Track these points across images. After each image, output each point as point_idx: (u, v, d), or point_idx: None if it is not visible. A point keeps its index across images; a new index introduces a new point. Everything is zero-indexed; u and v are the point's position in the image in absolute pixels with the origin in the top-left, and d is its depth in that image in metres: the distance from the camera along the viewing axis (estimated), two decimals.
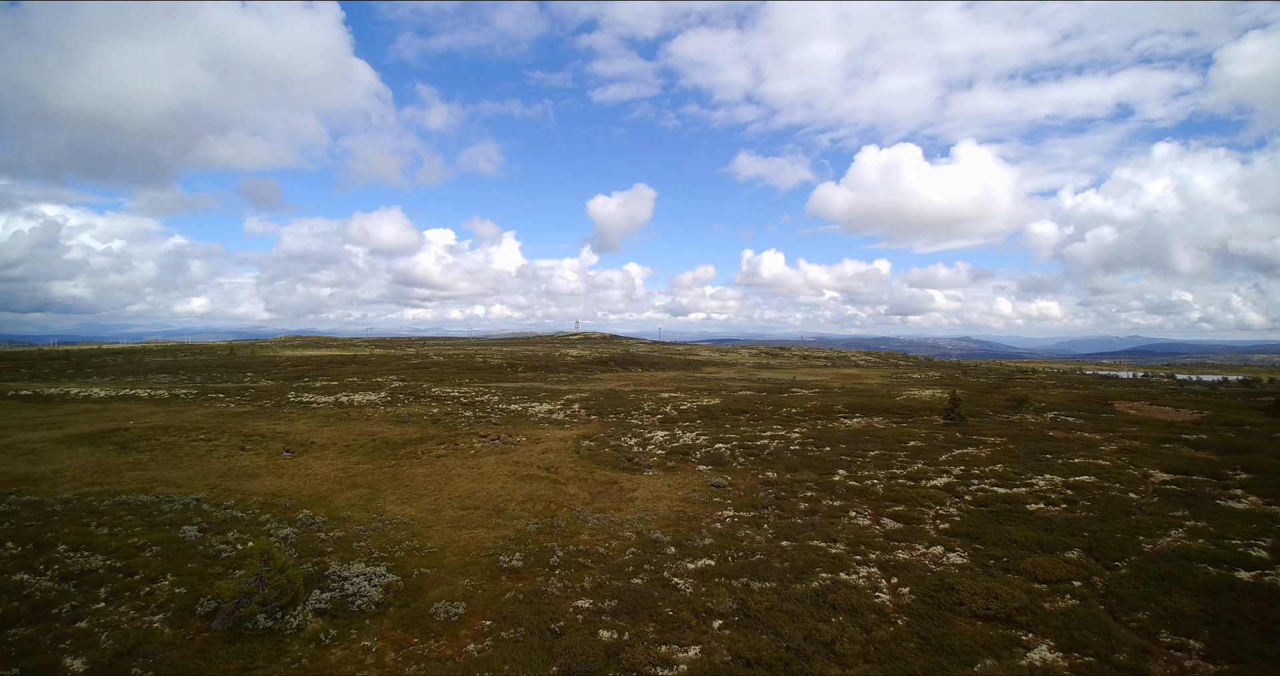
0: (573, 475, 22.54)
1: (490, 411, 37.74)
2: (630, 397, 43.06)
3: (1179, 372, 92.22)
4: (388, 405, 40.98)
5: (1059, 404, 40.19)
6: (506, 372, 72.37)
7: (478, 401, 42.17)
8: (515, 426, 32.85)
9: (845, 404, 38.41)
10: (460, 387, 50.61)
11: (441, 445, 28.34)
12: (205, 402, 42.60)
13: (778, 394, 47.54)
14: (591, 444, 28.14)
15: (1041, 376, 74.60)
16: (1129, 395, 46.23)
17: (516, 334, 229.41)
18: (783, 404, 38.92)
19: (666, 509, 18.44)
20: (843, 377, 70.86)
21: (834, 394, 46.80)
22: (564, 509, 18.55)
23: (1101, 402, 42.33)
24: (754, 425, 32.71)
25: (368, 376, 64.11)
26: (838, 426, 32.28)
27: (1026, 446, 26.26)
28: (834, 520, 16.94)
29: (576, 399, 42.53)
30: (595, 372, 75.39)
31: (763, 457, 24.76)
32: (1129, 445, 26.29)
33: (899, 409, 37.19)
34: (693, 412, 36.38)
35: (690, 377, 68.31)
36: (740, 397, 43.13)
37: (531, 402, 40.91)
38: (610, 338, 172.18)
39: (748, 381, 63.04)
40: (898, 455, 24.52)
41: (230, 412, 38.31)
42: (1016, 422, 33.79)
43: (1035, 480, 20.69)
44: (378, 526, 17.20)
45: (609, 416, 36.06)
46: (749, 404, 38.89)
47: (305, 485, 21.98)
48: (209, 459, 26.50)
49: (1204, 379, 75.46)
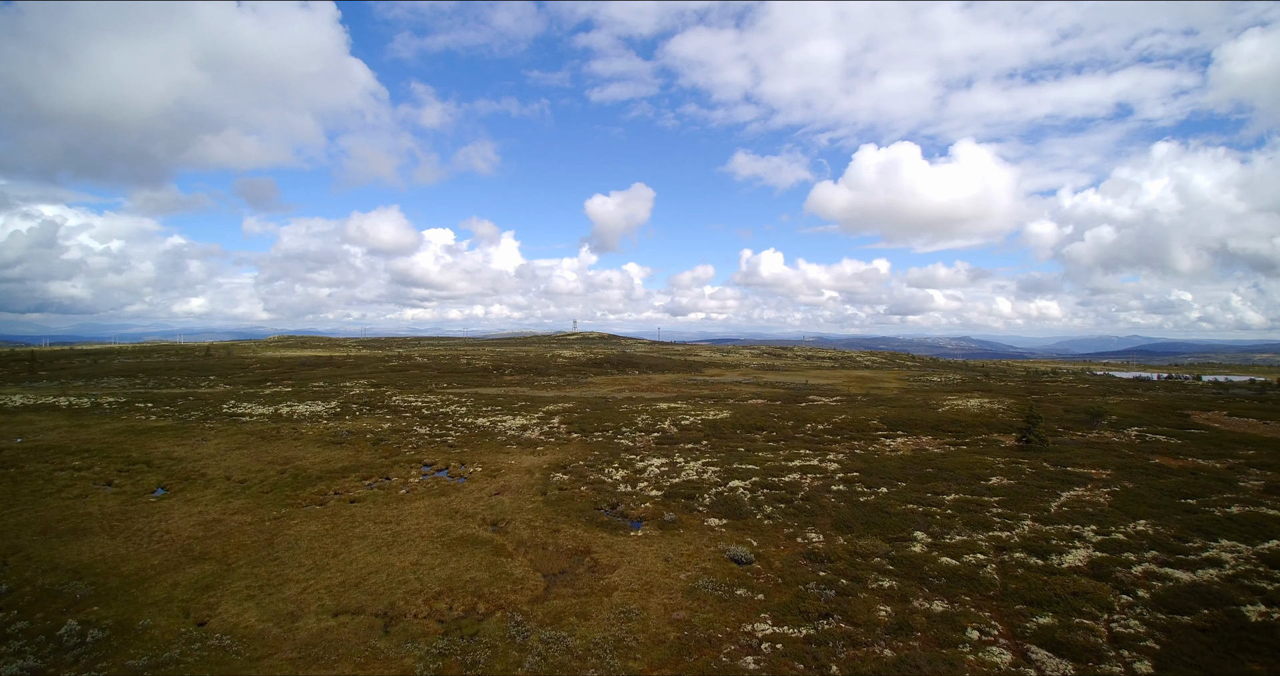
0: (527, 536, 15.35)
1: (451, 427, 30.58)
2: (622, 408, 35.89)
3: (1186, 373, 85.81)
4: (333, 418, 33.83)
5: (1131, 417, 33.05)
6: (491, 376, 65.23)
7: (441, 413, 34.99)
8: (475, 449, 25.71)
9: (880, 417, 31.24)
10: (430, 395, 43.46)
11: (367, 480, 21.18)
12: (125, 414, 35.49)
13: (794, 403, 40.37)
14: (565, 477, 20.96)
15: (1069, 379, 67.36)
16: (1199, 404, 39.06)
17: (515, 334, 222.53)
18: (804, 417, 31.76)
19: (661, 614, 11.26)
20: (857, 381, 63.72)
21: (859, 403, 39.65)
22: (497, 613, 11.36)
23: (1174, 413, 35.17)
24: (775, 447, 25.51)
25: (335, 381, 57.00)
26: (881, 449, 25.12)
27: (1147, 484, 19.12)
28: (946, 652, 9.77)
29: (559, 410, 35.35)
30: (588, 375, 68.24)
31: (796, 504, 17.56)
32: (1276, 479, 19.23)
33: (948, 424, 30.02)
34: (697, 429, 29.19)
35: (691, 381, 61.15)
36: (752, 408, 35.99)
37: (504, 415, 33.72)
38: (608, 338, 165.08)
39: (756, 386, 55.87)
40: (987, 502, 17.30)
41: (141, 428, 31.23)
42: (1101, 444, 26.64)
43: (1214, 550, 13.57)
44: (177, 655, 10.07)
45: (594, 434, 28.87)
46: (764, 417, 31.71)
47: (137, 552, 14.82)
48: (54, 499, 19.39)
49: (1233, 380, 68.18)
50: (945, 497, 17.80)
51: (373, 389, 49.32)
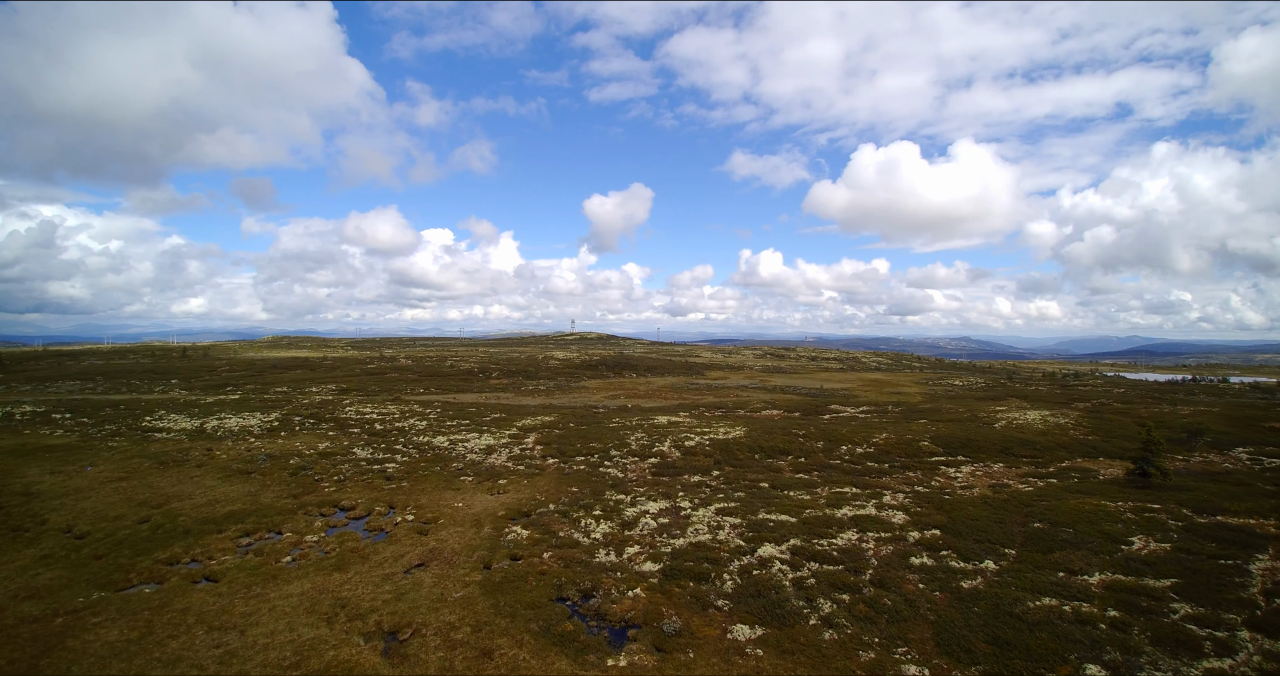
0: (437, 671, 9.22)
1: (400, 449, 24.41)
2: (614, 422, 29.70)
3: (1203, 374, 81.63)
4: (264, 435, 27.67)
5: (1225, 433, 26.91)
6: (475, 380, 59.06)
7: (396, 428, 28.82)
8: (417, 484, 19.55)
9: (931, 436, 25.02)
10: (395, 403, 37.29)
11: (250, 536, 15.03)
12: (30, 428, 29.39)
13: (815, 414, 34.16)
14: (525, 533, 14.81)
15: (1098, 382, 61.05)
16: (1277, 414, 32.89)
17: (513, 335, 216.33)
18: (835, 435, 25.56)
19: None
20: (873, 385, 57.55)
21: (891, 414, 33.44)
22: None
23: (1264, 428, 29.05)
24: (809, 482, 19.30)
25: (301, 385, 50.88)
26: (948, 485, 18.93)
27: None
28: None
29: (538, 425, 29.16)
30: (581, 379, 62.07)
31: (867, 595, 11.33)
32: None
33: (1017, 446, 23.81)
34: (704, 453, 22.99)
35: (693, 386, 54.98)
36: (768, 422, 29.83)
37: (471, 432, 27.51)
38: (607, 338, 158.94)
39: (765, 392, 49.69)
40: (1158, 589, 11.07)
41: (32, 447, 25.15)
42: (1222, 474, 20.45)
43: None
44: None
45: (575, 460, 22.67)
46: (785, 435, 25.50)
47: None
48: None
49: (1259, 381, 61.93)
50: (1088, 580, 11.63)
51: (336, 395, 43.20)
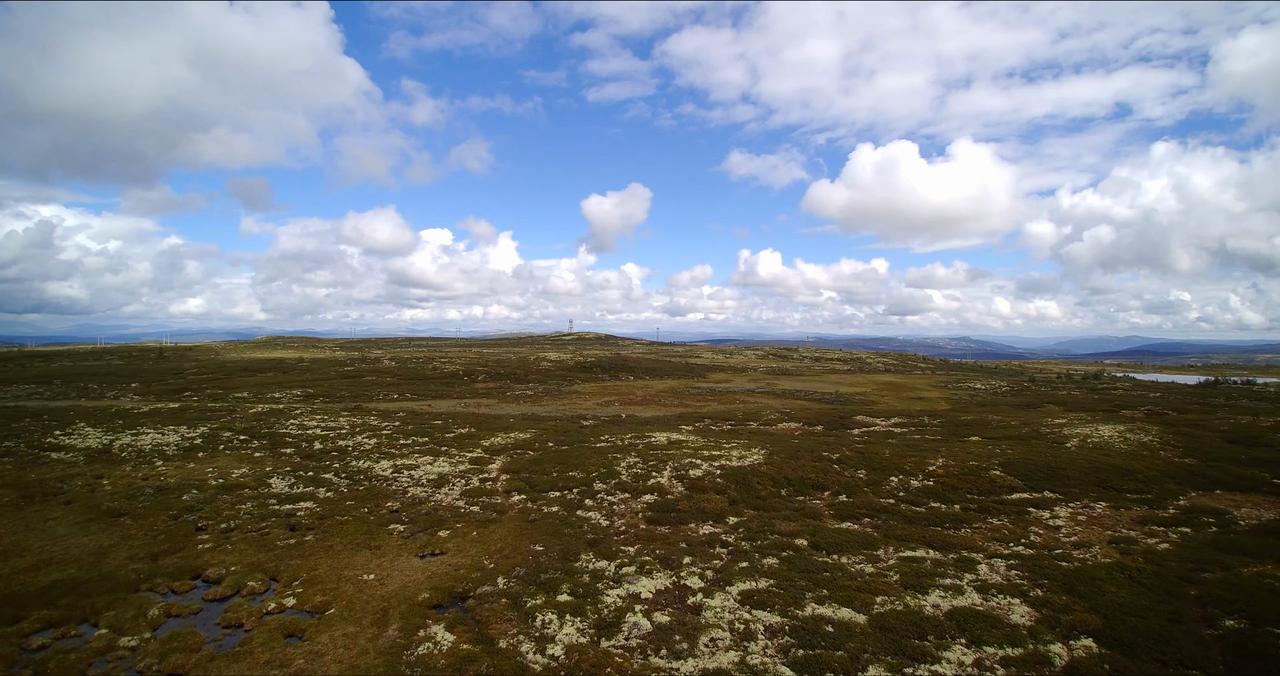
0: None
1: (329, 479, 19.24)
2: (603, 440, 24.47)
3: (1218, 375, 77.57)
4: (178, 456, 22.48)
5: None
6: (458, 383, 53.91)
7: (339, 448, 23.62)
8: (327, 536, 14.37)
9: (999, 462, 19.83)
10: (347, 416, 32.11)
11: (45, 633, 9.88)
12: None
13: (842, 427, 28.96)
14: (447, 644, 9.57)
15: (1127, 385, 55.80)
16: None
17: (512, 335, 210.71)
18: (877, 459, 20.33)
19: None
20: (890, 390, 52.39)
21: (931, 428, 28.24)
22: None
23: None
24: (865, 538, 14.00)
25: (263, 390, 45.74)
26: (1055, 541, 13.70)
27: None
28: None
29: (509, 444, 23.93)
30: (574, 382, 56.91)
31: None
32: None
33: (1112, 476, 18.59)
34: (715, 487, 17.80)
35: (695, 390, 49.81)
36: (789, 440, 24.61)
37: (425, 455, 22.29)
38: (605, 338, 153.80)
39: (775, 397, 44.48)
40: None
41: None
42: None
43: None
44: None
45: (548, 495, 17.48)
46: (815, 460, 20.26)
47: None
48: None
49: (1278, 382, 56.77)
50: None
51: (293, 403, 38.04)
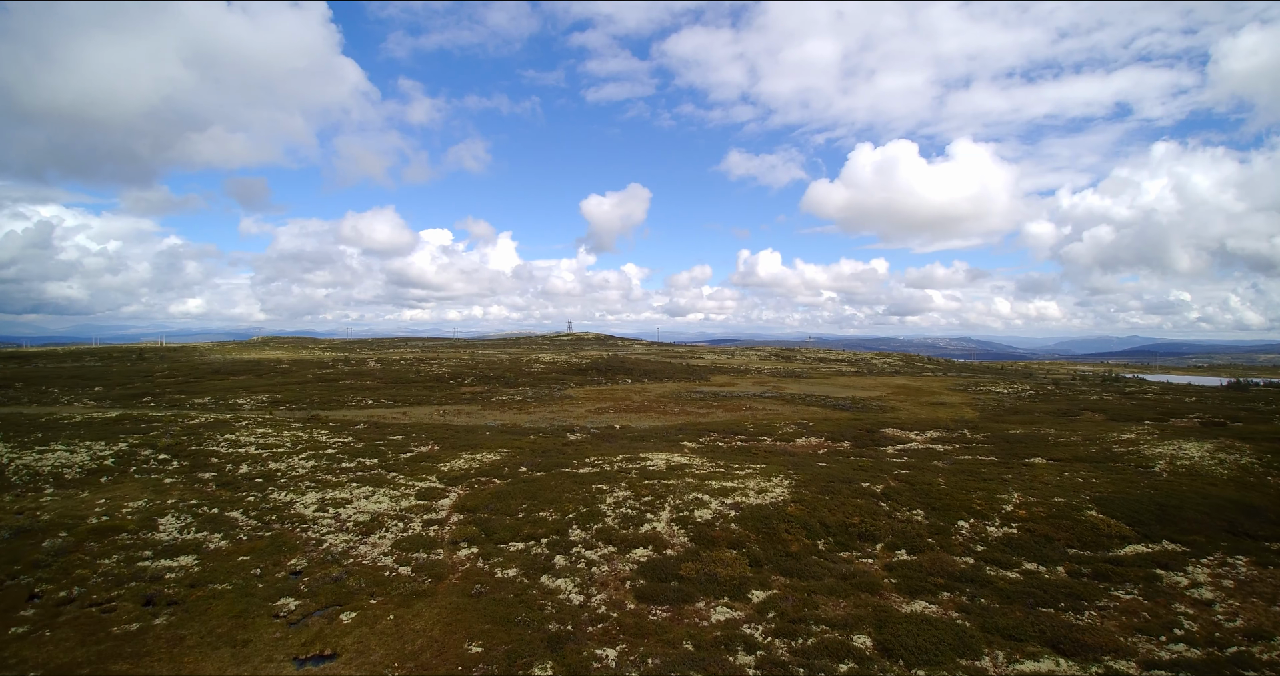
0: None
1: (236, 517, 14.85)
2: (588, 463, 20.02)
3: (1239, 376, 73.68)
4: (73, 482, 18.04)
5: None
6: (442, 387, 49.53)
7: (265, 473, 19.17)
8: (179, 624, 9.79)
9: (1092, 499, 15.42)
10: (293, 430, 27.69)
11: None
12: None
13: (872, 442, 24.48)
14: None
15: (1156, 389, 51.33)
16: None
17: (511, 335, 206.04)
18: (933, 492, 15.87)
19: None
20: (906, 394, 47.98)
21: (978, 444, 23.78)
22: None
23: None
24: (954, 629, 9.56)
25: (228, 395, 41.39)
26: (1220, 624, 9.10)
27: None
28: None
29: (474, 469, 19.49)
30: (567, 385, 52.52)
31: None
32: None
33: (1240, 518, 14.19)
34: (729, 537, 13.31)
35: (697, 395, 45.40)
36: (815, 462, 20.15)
37: (366, 485, 17.88)
38: (604, 338, 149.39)
39: (785, 403, 40.02)
40: None
41: None
42: None
43: None
44: None
45: (508, 549, 13.01)
46: (855, 493, 15.76)
47: None
48: None
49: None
50: None
51: (256, 411, 33.65)
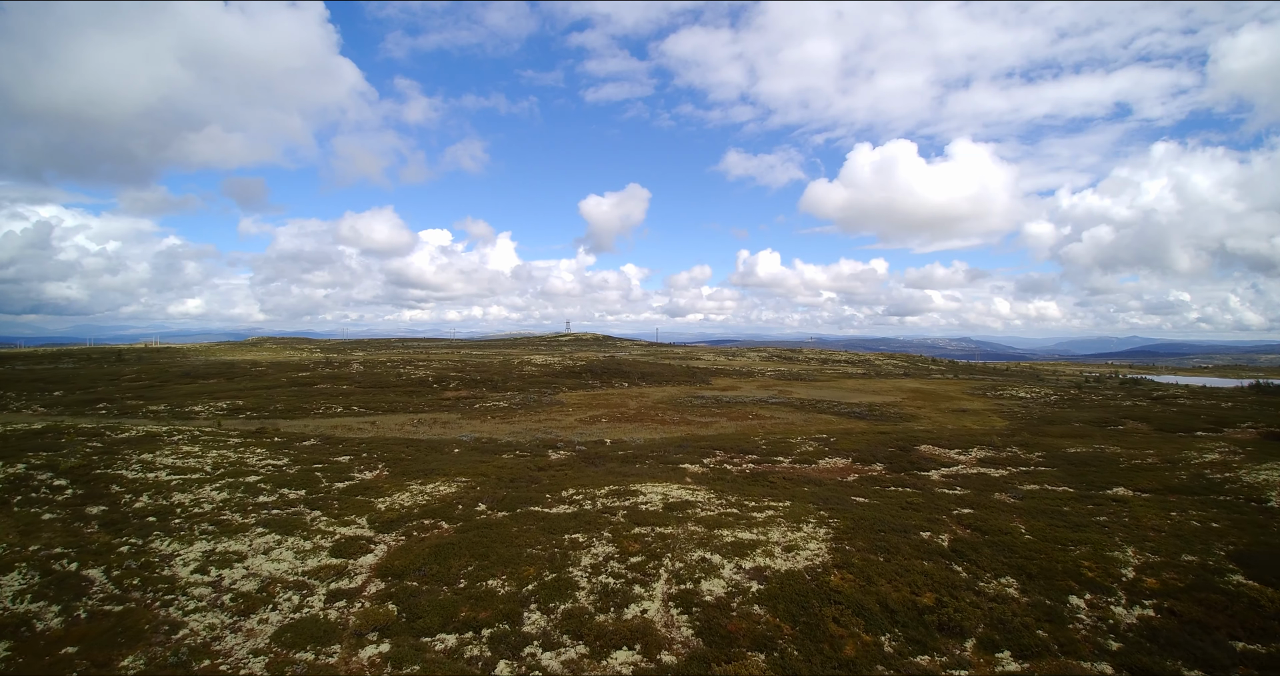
0: None
1: (82, 584, 10.95)
2: (564, 501, 15.94)
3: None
4: None
5: None
6: (426, 392, 45.53)
7: (163, 508, 15.16)
8: None
9: (1236, 562, 11.39)
10: (227, 447, 23.64)
11: None
12: None
13: (910, 465, 20.44)
14: None
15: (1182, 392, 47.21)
16: None
17: (509, 335, 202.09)
18: (1014, 547, 11.76)
19: None
20: (923, 399, 43.98)
21: (1038, 467, 19.71)
22: None
23: None
24: None
25: (184, 403, 37.33)
26: None
27: None
28: None
29: (421, 507, 15.36)
30: (559, 390, 48.51)
31: None
32: None
33: None
34: (751, 629, 9.20)
35: (698, 401, 41.40)
36: (845, 497, 16.01)
37: (270, 533, 13.74)
38: (603, 339, 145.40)
39: (798, 411, 35.91)
40: None
41: None
42: None
43: None
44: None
45: (434, 645, 8.94)
46: (914, 547, 11.69)
47: None
48: None
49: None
50: None
51: (217, 415, 29.67)
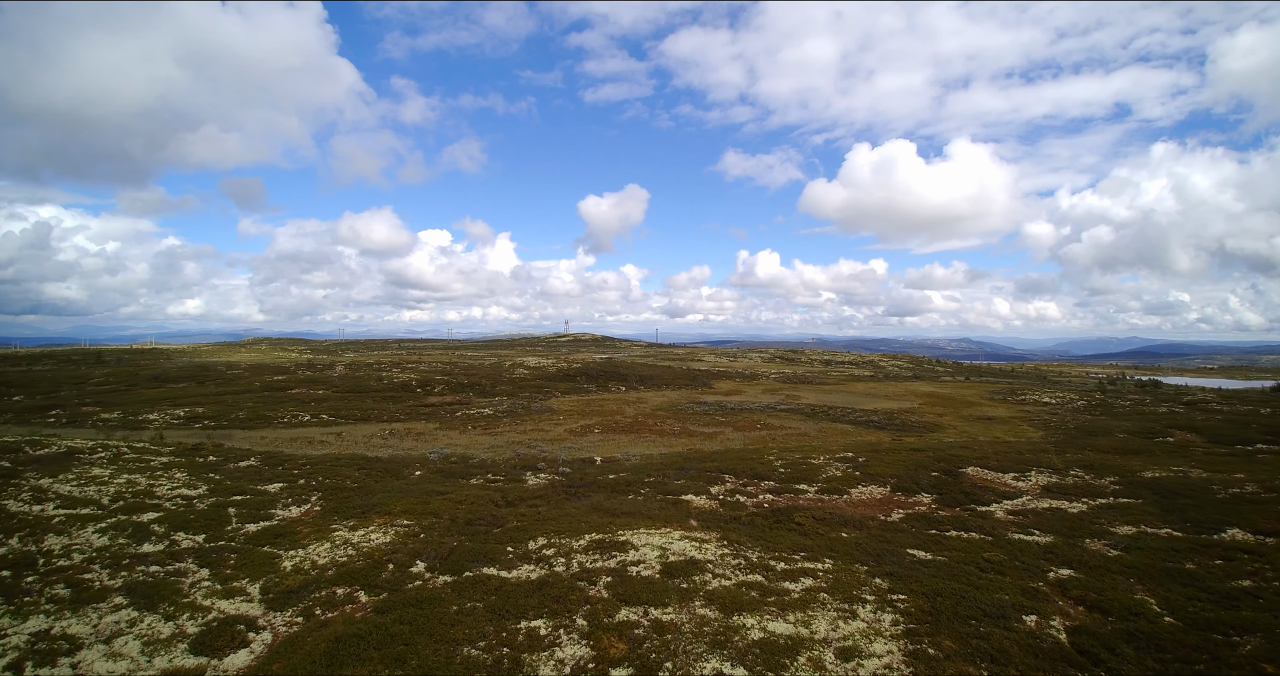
0: None
1: None
2: (530, 561, 12.38)
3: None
4: None
5: None
6: (408, 397, 41.99)
7: (27, 556, 11.77)
8: None
9: None
10: (161, 467, 20.11)
11: None
12: None
13: (965, 499, 16.77)
14: None
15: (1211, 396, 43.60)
16: None
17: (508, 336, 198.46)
18: (1160, 638, 8.20)
19: None
20: (941, 404, 40.43)
21: (1128, 501, 16.17)
22: None
23: None
24: None
25: (140, 410, 33.83)
26: None
27: None
28: None
29: (341, 564, 11.62)
30: (551, 395, 44.98)
31: None
32: None
33: None
34: None
35: (701, 407, 37.83)
36: (902, 547, 12.24)
37: (126, 607, 10.14)
38: (602, 339, 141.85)
39: (808, 418, 32.29)
40: None
41: None
42: None
43: None
44: None
45: None
46: (1026, 649, 8.09)
47: None
48: None
49: None
50: None
51: (172, 425, 26.13)
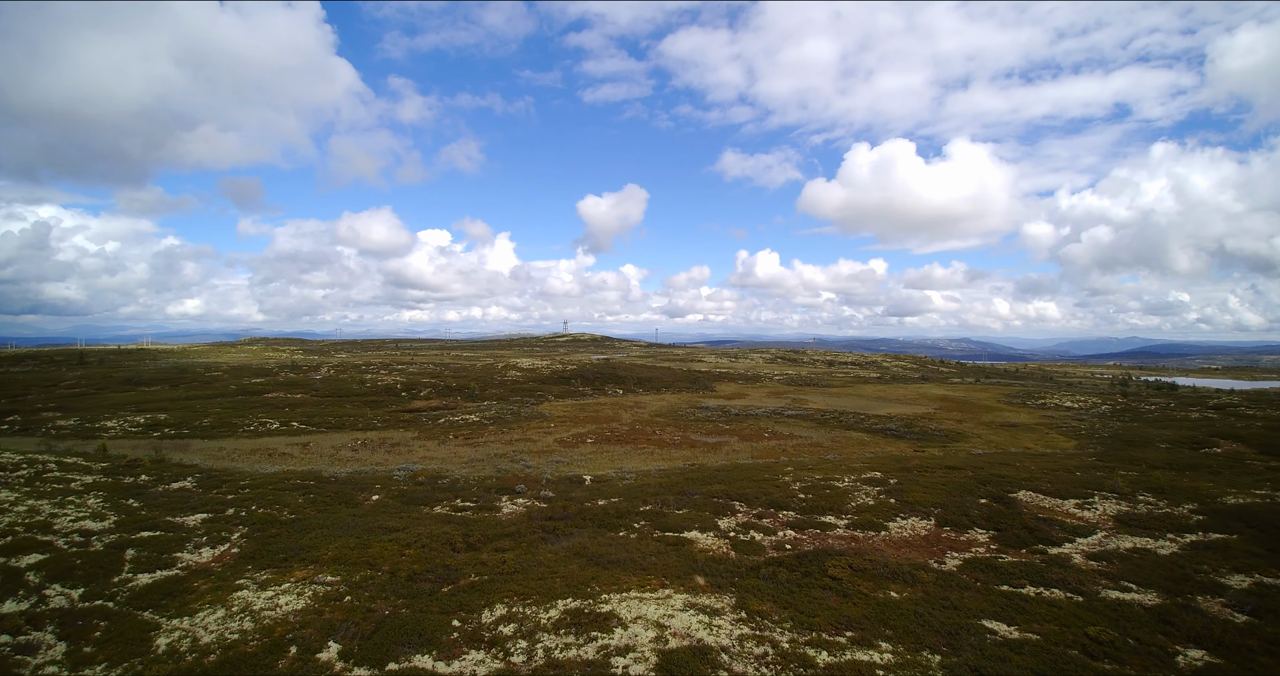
0: None
1: None
2: (481, 640, 9.59)
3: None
4: None
5: None
6: (391, 402, 39.09)
7: None
8: None
9: None
10: (80, 490, 17.22)
11: None
12: None
13: (1029, 538, 13.58)
14: None
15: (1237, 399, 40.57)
16: None
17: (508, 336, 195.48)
18: None
19: None
20: (954, 408, 37.53)
21: (1233, 546, 13.13)
22: None
23: None
24: None
25: (98, 417, 31.00)
26: None
27: None
28: None
29: (228, 646, 8.37)
30: (544, 399, 42.09)
31: None
32: None
33: None
34: None
35: (703, 412, 34.90)
36: (976, 616, 8.96)
37: None
38: (601, 340, 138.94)
39: (819, 426, 29.25)
40: None
41: None
42: None
43: None
44: None
45: None
46: None
47: None
48: None
49: None
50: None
51: (118, 436, 23.24)
